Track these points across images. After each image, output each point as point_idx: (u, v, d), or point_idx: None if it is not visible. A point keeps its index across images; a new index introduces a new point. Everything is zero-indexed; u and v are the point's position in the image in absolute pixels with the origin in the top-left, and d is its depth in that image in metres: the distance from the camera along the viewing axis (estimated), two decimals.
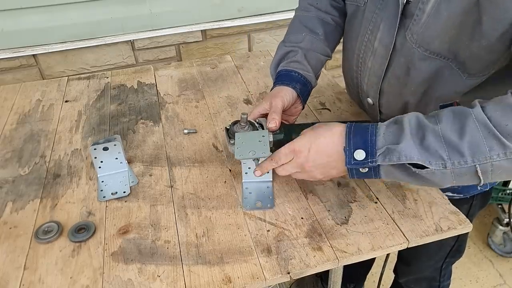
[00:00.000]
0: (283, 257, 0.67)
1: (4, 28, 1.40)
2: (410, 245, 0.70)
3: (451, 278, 1.24)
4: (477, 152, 0.57)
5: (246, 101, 1.10)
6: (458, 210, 0.74)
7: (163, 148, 0.93)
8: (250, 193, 0.79)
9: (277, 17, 1.68)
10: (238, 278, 0.64)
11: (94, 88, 1.19)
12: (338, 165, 0.67)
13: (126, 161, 0.84)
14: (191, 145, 0.94)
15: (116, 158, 0.83)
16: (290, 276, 0.65)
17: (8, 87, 1.20)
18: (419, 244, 0.71)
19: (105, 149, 0.80)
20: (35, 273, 0.66)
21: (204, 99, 1.12)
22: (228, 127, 0.80)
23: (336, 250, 0.68)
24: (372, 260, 1.48)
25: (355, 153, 0.63)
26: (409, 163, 0.60)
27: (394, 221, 0.73)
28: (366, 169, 0.64)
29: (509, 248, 1.79)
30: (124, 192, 0.80)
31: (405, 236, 0.70)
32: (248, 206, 0.77)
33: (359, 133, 0.64)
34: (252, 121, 0.80)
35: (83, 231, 0.72)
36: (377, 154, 0.62)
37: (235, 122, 0.80)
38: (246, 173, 0.81)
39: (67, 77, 1.25)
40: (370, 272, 1.57)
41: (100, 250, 0.70)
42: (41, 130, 1.01)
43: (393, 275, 1.32)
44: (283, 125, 0.80)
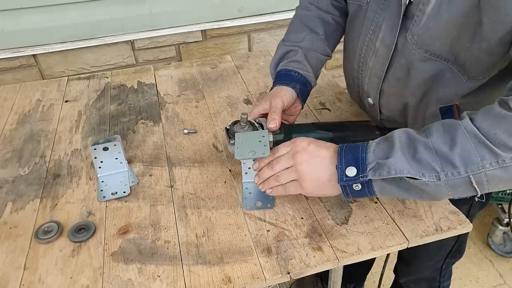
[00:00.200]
0: (283, 257, 0.67)
1: (4, 28, 1.40)
2: (410, 245, 0.70)
3: (451, 278, 1.24)
4: (469, 162, 0.57)
5: (246, 101, 1.10)
6: (458, 210, 0.74)
7: (163, 148, 0.93)
8: (250, 193, 0.79)
9: (277, 17, 1.68)
10: (238, 278, 0.64)
11: (94, 88, 1.19)
12: (331, 183, 0.67)
13: (126, 161, 0.84)
14: (191, 145, 0.94)
15: (116, 158, 0.83)
16: (290, 276, 0.65)
17: (8, 87, 1.20)
18: (419, 244, 0.71)
19: (105, 149, 0.80)
20: (35, 273, 0.66)
21: (204, 99, 1.12)
22: (228, 127, 0.80)
23: (336, 250, 0.68)
24: (372, 260, 1.48)
25: (347, 170, 0.63)
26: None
27: (394, 221, 0.73)
28: (359, 186, 0.64)
29: (509, 248, 1.79)
30: (124, 192, 0.80)
31: (405, 236, 0.70)
32: (248, 206, 0.77)
33: (350, 151, 0.65)
34: (252, 121, 0.80)
35: (83, 231, 0.72)
36: (368, 169, 0.62)
37: (235, 122, 0.80)
38: (246, 173, 0.81)
39: (67, 77, 1.25)
40: (370, 272, 1.57)
41: (100, 250, 0.70)
42: (41, 130, 1.01)
43: (393, 275, 1.31)
44: (283, 125, 0.80)
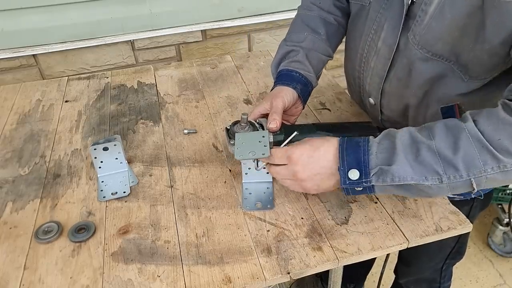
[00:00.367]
0: (283, 257, 0.67)
1: (4, 28, 1.40)
2: (410, 245, 0.70)
3: (452, 279, 1.24)
4: (472, 167, 0.58)
5: (246, 101, 1.10)
6: (458, 210, 0.74)
7: (163, 148, 0.93)
8: (250, 194, 0.79)
9: (277, 17, 1.68)
10: (238, 278, 0.64)
11: (94, 88, 1.19)
12: (331, 179, 0.67)
13: (126, 161, 0.84)
14: (191, 145, 0.94)
15: (116, 158, 0.83)
16: (290, 276, 0.65)
17: (8, 87, 1.20)
18: (419, 245, 0.71)
19: (105, 149, 0.80)
20: (35, 273, 0.66)
21: (204, 99, 1.12)
22: (228, 127, 0.80)
23: (336, 250, 0.68)
24: (372, 260, 1.48)
25: (349, 173, 0.63)
26: None
27: (394, 221, 0.73)
28: (361, 188, 0.64)
29: (509, 248, 1.79)
30: (124, 192, 0.80)
31: (405, 236, 0.70)
32: (248, 207, 0.76)
33: (352, 151, 0.64)
34: (253, 122, 0.80)
35: (83, 231, 0.72)
36: (371, 174, 0.62)
37: (235, 123, 0.80)
38: (246, 174, 0.81)
39: (67, 77, 1.25)
40: (370, 272, 1.57)
41: (100, 250, 0.70)
42: (41, 130, 1.01)
43: (394, 276, 1.31)
44: (284, 126, 0.80)
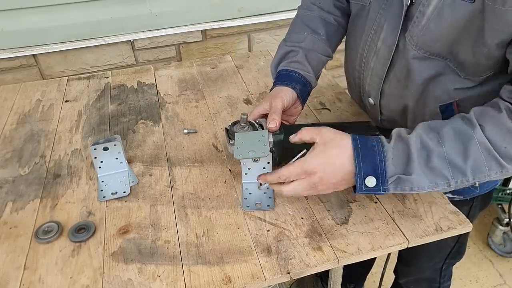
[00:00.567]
0: (283, 257, 0.67)
1: (4, 28, 1.40)
2: (410, 245, 0.70)
3: (451, 279, 1.24)
4: (478, 172, 0.62)
5: (246, 101, 1.10)
6: (458, 210, 0.74)
7: (163, 148, 0.93)
8: (250, 194, 0.79)
9: (277, 17, 1.68)
10: (238, 278, 0.64)
11: (94, 88, 1.19)
12: (350, 182, 0.67)
13: (126, 161, 0.84)
14: (191, 145, 0.94)
15: (116, 158, 0.83)
16: (290, 276, 0.65)
17: (8, 87, 1.20)
18: (419, 245, 0.71)
19: (105, 149, 0.80)
20: (35, 273, 0.66)
21: (204, 99, 1.12)
22: (228, 128, 0.80)
23: (336, 250, 0.68)
24: (372, 260, 1.48)
25: (366, 180, 0.64)
26: None
27: (394, 221, 0.73)
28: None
29: (509, 248, 1.79)
30: (124, 192, 0.80)
31: (405, 236, 0.70)
32: (248, 207, 0.76)
33: (368, 157, 0.64)
34: (252, 122, 0.80)
35: (83, 231, 0.72)
36: (389, 183, 0.63)
37: (235, 123, 0.80)
38: (246, 174, 0.81)
39: (67, 77, 1.25)
40: (370, 272, 1.57)
41: (100, 250, 0.70)
42: (41, 130, 1.01)
43: (394, 276, 1.31)
44: (283, 126, 0.80)
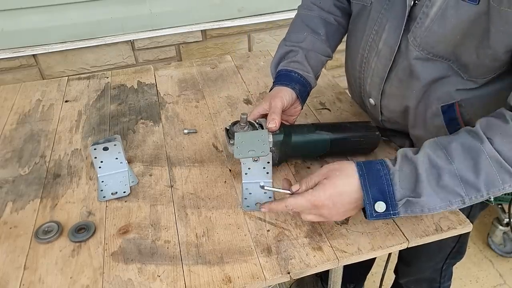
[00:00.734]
0: (283, 257, 0.67)
1: (4, 28, 1.40)
2: (410, 245, 0.70)
3: (451, 279, 1.24)
4: (492, 187, 0.60)
5: (246, 101, 1.10)
6: (458, 210, 0.74)
7: (163, 148, 0.93)
8: (250, 194, 0.79)
9: (277, 17, 1.68)
10: (238, 278, 0.64)
11: (94, 88, 1.19)
12: (358, 207, 0.67)
13: (126, 161, 0.84)
14: (191, 145, 0.94)
15: (116, 158, 0.83)
16: (290, 276, 0.65)
17: (8, 87, 1.20)
18: (419, 244, 0.71)
19: (105, 149, 0.80)
20: (35, 273, 0.66)
21: (204, 99, 1.12)
22: (228, 128, 0.80)
23: (336, 250, 0.68)
24: (372, 260, 1.48)
25: (376, 206, 0.63)
26: None
27: (394, 221, 0.73)
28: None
29: (509, 248, 1.79)
30: (124, 192, 0.80)
31: (405, 236, 0.70)
32: (248, 207, 0.77)
33: (374, 183, 0.64)
34: (252, 122, 0.80)
35: (83, 231, 0.72)
36: (398, 206, 0.63)
37: (235, 123, 0.80)
38: (246, 174, 0.81)
39: (67, 77, 1.25)
40: (370, 272, 1.57)
41: (100, 250, 0.70)
42: (41, 130, 1.01)
43: (394, 276, 1.31)
44: (283, 126, 0.80)
